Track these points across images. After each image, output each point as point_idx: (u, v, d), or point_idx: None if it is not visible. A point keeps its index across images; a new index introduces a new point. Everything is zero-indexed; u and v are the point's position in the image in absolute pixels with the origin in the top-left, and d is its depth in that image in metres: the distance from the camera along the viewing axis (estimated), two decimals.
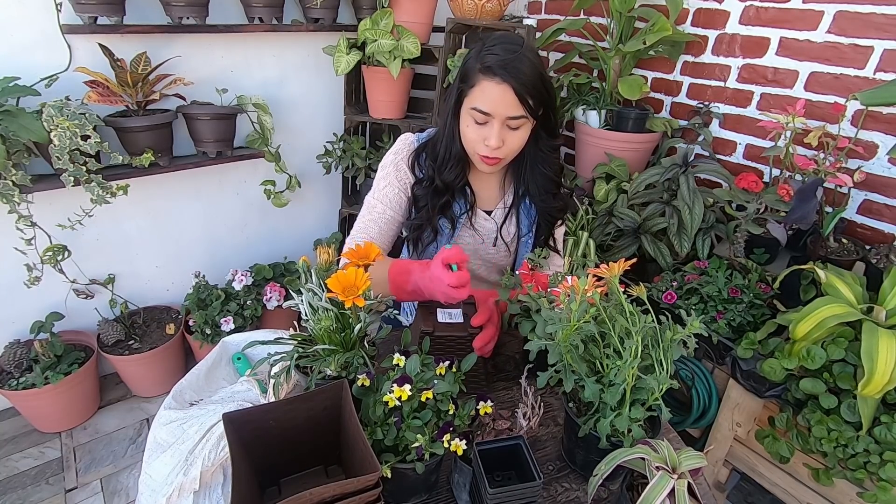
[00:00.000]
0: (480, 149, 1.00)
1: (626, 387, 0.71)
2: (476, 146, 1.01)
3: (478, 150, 1.01)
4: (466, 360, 0.80)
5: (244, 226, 2.19)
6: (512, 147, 1.01)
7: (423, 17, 1.92)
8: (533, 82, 0.95)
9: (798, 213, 1.37)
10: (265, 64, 1.94)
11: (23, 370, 1.67)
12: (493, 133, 0.97)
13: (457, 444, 0.67)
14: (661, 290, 1.52)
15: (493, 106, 0.95)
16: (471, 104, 0.98)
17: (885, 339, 1.03)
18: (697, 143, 1.91)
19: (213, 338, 1.89)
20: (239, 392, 1.08)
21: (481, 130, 0.99)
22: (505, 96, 0.94)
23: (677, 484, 0.61)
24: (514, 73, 0.93)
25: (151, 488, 0.95)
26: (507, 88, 0.93)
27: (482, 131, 0.99)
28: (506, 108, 0.95)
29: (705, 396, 1.45)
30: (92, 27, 1.49)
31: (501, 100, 0.94)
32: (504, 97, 0.94)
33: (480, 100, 0.96)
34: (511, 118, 0.96)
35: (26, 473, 1.64)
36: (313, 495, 0.57)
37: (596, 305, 0.72)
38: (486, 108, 0.96)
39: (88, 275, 1.83)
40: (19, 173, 1.40)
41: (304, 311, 0.78)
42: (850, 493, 1.19)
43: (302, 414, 0.71)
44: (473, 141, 1.01)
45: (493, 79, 0.94)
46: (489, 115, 0.96)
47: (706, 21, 1.83)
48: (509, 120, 0.97)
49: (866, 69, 1.48)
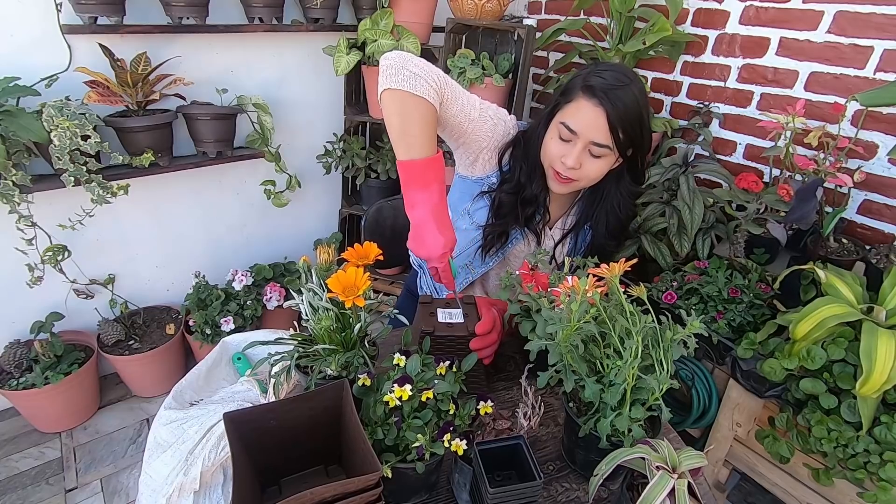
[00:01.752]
0: (557, 165, 0.99)
1: (626, 387, 0.71)
2: (554, 162, 1.00)
3: (554, 166, 1.00)
4: (467, 360, 0.81)
5: (244, 226, 2.19)
6: (588, 174, 0.99)
7: (423, 17, 1.92)
8: (630, 117, 0.93)
9: (798, 213, 1.37)
10: (265, 64, 1.94)
11: (23, 370, 1.67)
12: (574, 153, 0.96)
13: (457, 444, 0.67)
14: (661, 290, 1.52)
15: (582, 126, 0.94)
16: (561, 118, 0.97)
17: (884, 339, 1.03)
18: (697, 143, 1.91)
19: (213, 338, 1.89)
20: (239, 392, 1.08)
21: (563, 147, 0.98)
22: (597, 121, 0.93)
23: (677, 484, 0.61)
24: (615, 100, 0.91)
25: (152, 488, 0.95)
26: (601, 113, 0.92)
27: (563, 148, 0.98)
28: (594, 132, 0.94)
29: (705, 396, 1.45)
30: (92, 27, 1.49)
31: (593, 123, 0.93)
32: (596, 121, 0.93)
33: (572, 117, 0.95)
34: (595, 144, 0.95)
35: (26, 473, 1.64)
36: (314, 495, 0.57)
37: (596, 305, 0.72)
38: (574, 126, 0.95)
39: (88, 275, 1.83)
40: (19, 173, 1.40)
41: (304, 311, 0.78)
42: (850, 493, 1.19)
43: (302, 414, 0.71)
44: (552, 156, 1.00)
45: (592, 100, 0.93)
46: (575, 134, 0.95)
47: (706, 21, 1.83)
48: (593, 146, 0.95)
49: (866, 69, 1.48)
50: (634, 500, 0.64)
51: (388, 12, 1.81)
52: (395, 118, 0.85)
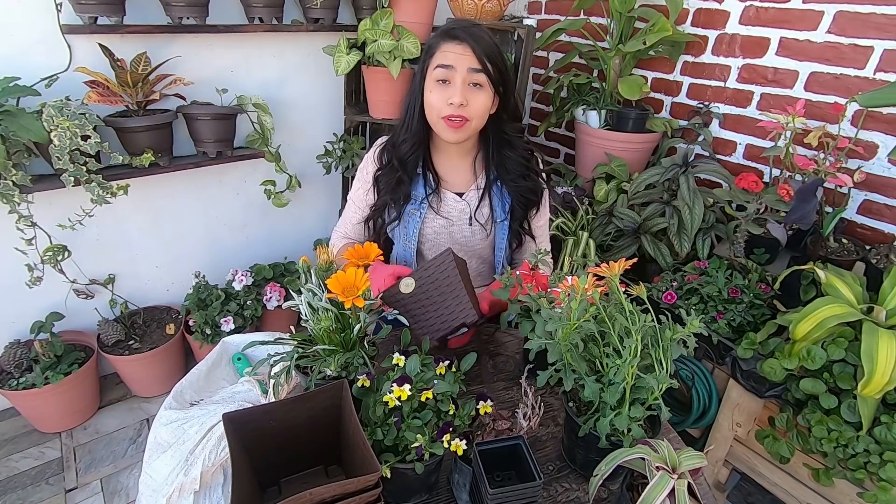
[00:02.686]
0: (445, 110, 1.02)
1: (625, 386, 0.71)
2: (441, 109, 1.03)
3: (442, 113, 1.03)
4: (466, 359, 0.81)
5: (244, 226, 2.19)
6: (476, 109, 1.03)
7: (423, 17, 1.92)
8: (491, 48, 1.01)
9: (798, 213, 1.37)
10: (265, 64, 1.94)
11: (23, 370, 1.67)
12: (457, 89, 1.01)
13: (457, 444, 0.67)
14: (661, 290, 1.52)
15: (454, 59, 1.01)
16: (435, 63, 1.03)
17: (885, 340, 1.03)
18: (697, 143, 1.91)
19: (213, 338, 1.89)
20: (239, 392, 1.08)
21: (445, 91, 1.02)
22: (466, 52, 1.00)
23: (677, 484, 0.61)
24: (474, 35, 1.00)
25: (152, 488, 0.94)
26: (466, 47, 1.00)
27: (446, 91, 1.02)
28: (467, 60, 1.00)
29: (705, 396, 1.45)
30: (92, 27, 1.49)
31: (462, 54, 1.00)
32: (465, 53, 1.00)
33: (441, 58, 1.02)
34: (473, 70, 1.00)
35: (26, 473, 1.64)
36: (313, 495, 0.57)
37: (596, 304, 0.72)
38: (447, 61, 1.01)
39: (88, 275, 1.83)
40: (19, 173, 1.40)
41: (303, 312, 0.78)
42: (850, 493, 1.19)
43: (302, 414, 0.71)
44: (437, 105, 1.03)
45: (454, 40, 1.01)
46: (451, 69, 1.01)
47: (706, 21, 1.83)
48: (471, 73, 1.01)
49: (866, 69, 1.48)
50: (634, 500, 0.63)
51: (388, 12, 1.81)
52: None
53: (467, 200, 1.17)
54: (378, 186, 1.17)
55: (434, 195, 1.15)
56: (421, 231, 1.17)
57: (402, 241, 1.19)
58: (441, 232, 1.18)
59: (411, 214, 1.16)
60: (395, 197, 1.14)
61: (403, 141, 1.12)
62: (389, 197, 1.15)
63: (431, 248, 1.20)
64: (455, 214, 1.17)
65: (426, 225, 1.17)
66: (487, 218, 1.17)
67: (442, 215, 1.16)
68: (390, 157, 1.14)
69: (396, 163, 1.12)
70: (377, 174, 1.17)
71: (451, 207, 1.17)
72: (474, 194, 1.18)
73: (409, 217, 1.16)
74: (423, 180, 1.15)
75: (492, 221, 1.17)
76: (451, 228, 1.18)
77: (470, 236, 1.18)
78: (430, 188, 1.15)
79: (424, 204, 1.15)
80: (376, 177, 1.17)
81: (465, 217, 1.17)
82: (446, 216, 1.17)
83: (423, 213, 1.15)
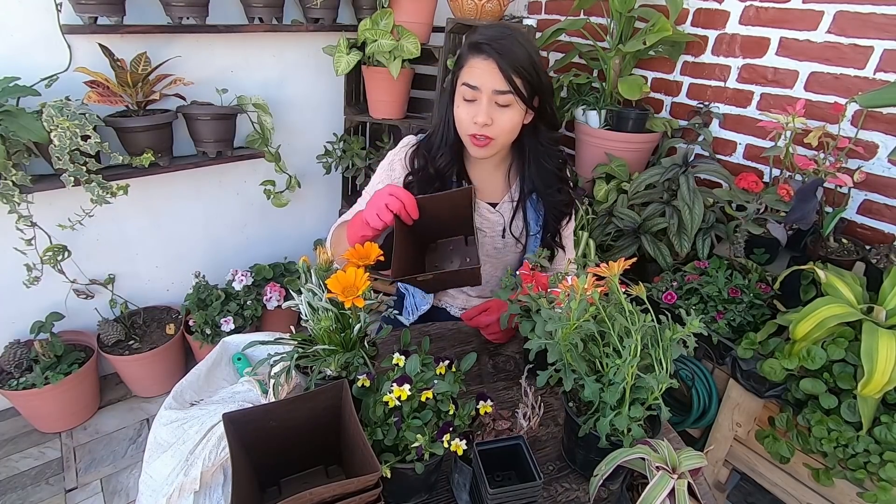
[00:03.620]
0: (470, 128, 1.01)
1: (625, 386, 0.71)
2: (467, 126, 1.02)
3: (468, 131, 1.02)
4: (466, 359, 0.81)
5: (244, 226, 2.19)
6: (502, 127, 1.01)
7: (423, 17, 1.92)
8: (520, 61, 0.96)
9: (798, 213, 1.37)
10: (265, 64, 1.94)
11: (23, 370, 1.67)
12: (482, 109, 0.98)
13: (457, 444, 0.67)
14: (661, 290, 1.52)
15: (479, 79, 0.97)
16: (461, 81, 1.00)
17: (884, 340, 1.03)
18: (697, 143, 1.91)
19: (213, 338, 1.89)
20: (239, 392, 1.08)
21: (471, 108, 1.00)
22: (491, 70, 0.96)
23: (677, 484, 0.61)
24: (500, 49, 0.95)
25: (152, 488, 0.94)
26: (491, 63, 0.95)
27: (472, 109, 1.00)
28: (492, 81, 0.96)
29: (705, 396, 1.45)
30: (92, 27, 1.49)
31: (487, 74, 0.96)
32: (489, 71, 0.96)
33: (468, 75, 0.99)
34: (498, 92, 0.97)
35: (26, 473, 1.64)
36: (313, 495, 0.57)
37: (595, 304, 0.72)
38: (472, 81, 0.98)
39: (88, 275, 1.83)
40: (19, 173, 1.40)
41: (303, 312, 0.78)
42: (850, 493, 1.19)
43: (302, 414, 0.71)
44: (465, 121, 1.02)
45: (480, 55, 0.97)
46: (477, 90, 0.98)
47: (706, 21, 1.83)
48: (496, 95, 0.97)
49: (866, 69, 1.48)
50: (634, 500, 0.63)
51: (388, 12, 1.81)
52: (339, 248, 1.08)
53: (501, 212, 1.16)
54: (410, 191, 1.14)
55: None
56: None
57: None
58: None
59: None
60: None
61: (441, 154, 1.10)
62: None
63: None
64: (488, 225, 1.15)
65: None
66: (521, 231, 1.15)
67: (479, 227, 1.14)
68: (424, 163, 1.11)
69: (434, 172, 1.10)
70: (410, 178, 1.13)
71: (484, 218, 1.15)
72: (508, 206, 1.16)
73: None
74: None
75: (525, 234, 1.16)
76: (484, 239, 1.16)
77: (502, 248, 1.17)
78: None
79: None
80: (407, 183, 1.13)
81: (498, 228, 1.15)
82: (479, 226, 1.14)
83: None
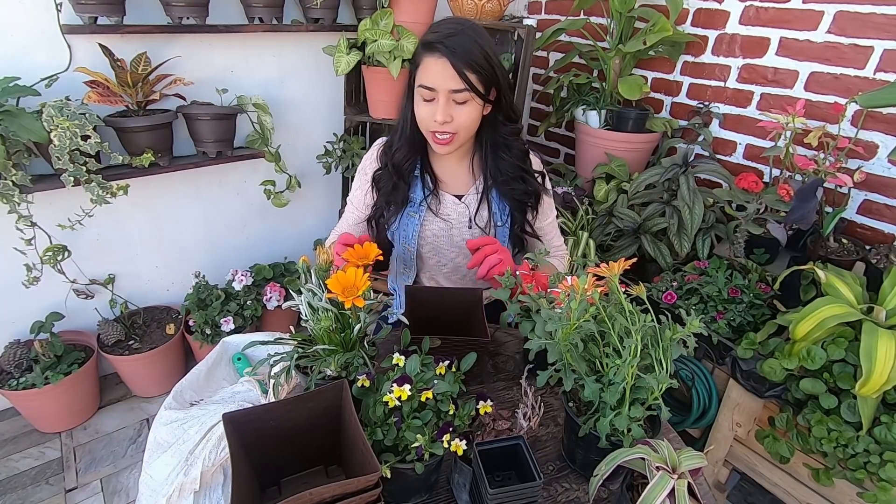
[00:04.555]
0: (431, 125, 1.02)
1: (625, 386, 0.71)
2: (428, 124, 1.03)
3: (429, 128, 1.03)
4: (466, 359, 0.81)
5: (244, 226, 2.19)
6: (462, 123, 1.01)
7: (423, 17, 1.92)
8: (473, 57, 0.96)
9: (798, 213, 1.37)
10: (265, 64, 1.94)
11: (23, 370, 1.67)
12: (440, 108, 0.99)
13: (457, 444, 0.67)
14: (661, 290, 1.52)
15: (434, 80, 0.98)
16: (418, 83, 1.01)
17: (884, 340, 1.03)
18: (697, 143, 1.91)
19: (213, 338, 1.89)
20: (239, 392, 1.08)
21: (430, 107, 1.01)
22: (444, 70, 0.96)
23: (677, 484, 0.61)
24: (452, 46, 0.95)
25: (152, 488, 0.94)
26: (444, 62, 0.96)
27: (430, 108, 1.01)
28: (446, 81, 0.97)
29: (705, 396, 1.45)
30: (92, 27, 1.49)
31: (441, 73, 0.96)
32: (444, 71, 0.96)
33: (423, 76, 0.99)
34: (454, 91, 0.98)
35: (26, 473, 1.64)
36: (313, 495, 0.57)
37: (595, 304, 0.72)
38: (428, 82, 0.98)
39: (88, 275, 1.83)
40: (19, 173, 1.40)
41: (303, 312, 0.78)
42: (850, 493, 1.19)
43: (302, 414, 0.71)
44: (425, 120, 1.02)
45: (433, 54, 0.97)
46: (433, 90, 0.99)
47: (706, 21, 1.83)
48: (453, 94, 0.98)
49: (866, 69, 1.48)
50: (634, 500, 0.63)
51: (388, 12, 1.81)
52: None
53: (466, 203, 1.17)
54: (377, 187, 1.17)
55: (432, 197, 1.15)
56: (420, 233, 1.16)
57: (402, 243, 1.19)
58: (441, 234, 1.17)
59: (410, 217, 1.15)
60: (391, 199, 1.14)
61: (399, 148, 1.12)
62: (385, 199, 1.14)
63: (431, 251, 1.20)
64: (454, 217, 1.17)
65: (425, 227, 1.16)
66: (487, 221, 1.16)
67: (441, 217, 1.16)
68: (387, 159, 1.14)
69: (391, 168, 1.12)
70: (376, 173, 1.16)
71: (450, 210, 1.17)
72: (473, 197, 1.17)
73: (408, 219, 1.15)
74: (420, 182, 1.15)
75: (492, 225, 1.17)
76: (451, 231, 1.17)
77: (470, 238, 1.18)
78: (427, 190, 1.14)
79: (423, 206, 1.15)
80: (375, 177, 1.16)
81: (464, 220, 1.16)
82: (445, 218, 1.16)
83: (423, 215, 1.15)
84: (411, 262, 1.21)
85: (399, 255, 1.23)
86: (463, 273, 1.24)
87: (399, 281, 1.28)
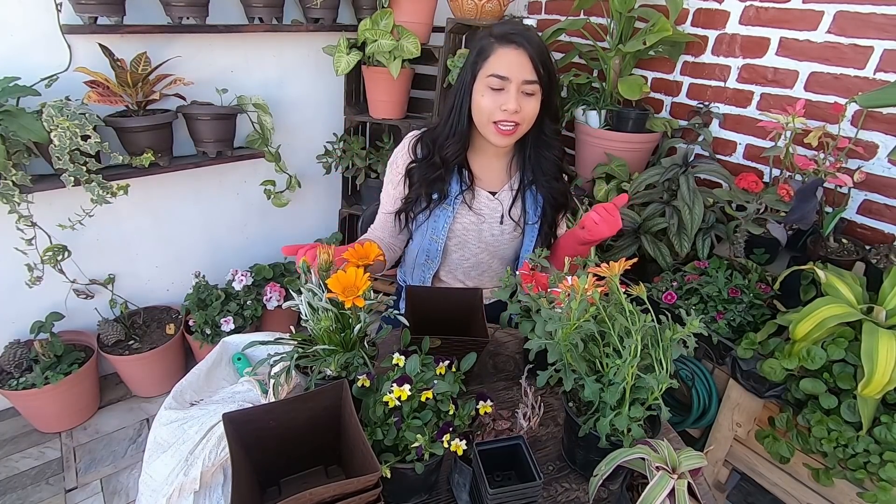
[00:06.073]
0: (497, 115, 1.03)
1: (625, 386, 0.71)
2: (493, 114, 1.03)
3: (493, 118, 1.04)
4: (466, 359, 0.81)
5: (244, 226, 2.19)
6: (527, 114, 1.04)
7: (423, 17, 1.92)
8: (544, 53, 1.02)
9: (798, 213, 1.37)
10: (265, 64, 1.94)
11: (23, 370, 1.67)
12: (511, 97, 1.01)
13: (457, 444, 0.67)
14: (661, 290, 1.52)
15: (510, 69, 1.00)
16: (487, 73, 1.02)
17: (885, 340, 1.03)
18: (697, 143, 1.91)
19: (213, 338, 1.89)
20: (239, 392, 1.08)
21: (497, 97, 1.02)
22: (521, 60, 1.00)
23: (677, 484, 0.61)
24: (529, 40, 1.00)
25: (152, 488, 0.94)
26: (522, 53, 1.00)
27: (498, 98, 1.02)
28: (522, 71, 1.00)
29: (705, 396, 1.45)
30: (92, 27, 1.49)
31: (518, 63, 1.00)
32: (521, 61, 1.00)
33: (497, 66, 1.01)
34: (527, 82, 1.01)
35: (26, 473, 1.64)
36: (313, 495, 0.57)
37: (596, 305, 0.72)
38: (503, 72, 1.01)
39: (88, 275, 1.83)
40: (19, 173, 1.40)
41: (303, 312, 0.78)
42: (850, 494, 1.19)
43: (302, 414, 0.71)
44: (490, 109, 1.03)
45: (510, 45, 1.00)
46: (506, 80, 1.01)
47: (706, 21, 1.83)
48: (525, 84, 1.01)
49: (866, 69, 1.48)
50: (634, 500, 0.63)
51: (388, 12, 1.81)
52: None
53: (500, 199, 1.18)
54: (411, 179, 1.16)
55: (468, 192, 1.16)
56: (451, 227, 1.17)
57: (430, 234, 1.19)
58: (470, 229, 1.18)
59: (443, 209, 1.16)
60: (430, 191, 1.14)
61: (449, 143, 1.12)
62: (424, 191, 1.14)
63: (458, 245, 1.21)
64: (487, 212, 1.18)
65: (457, 221, 1.17)
66: (519, 217, 1.18)
67: (474, 211, 1.17)
68: (429, 151, 1.14)
69: (439, 161, 1.12)
70: (410, 167, 1.16)
71: (483, 205, 1.18)
72: (507, 194, 1.19)
73: (441, 211, 1.16)
74: (457, 177, 1.16)
75: (524, 222, 1.18)
76: (481, 226, 1.18)
77: (499, 235, 1.19)
78: (464, 185, 1.15)
79: (458, 199, 1.16)
80: (409, 169, 1.16)
81: (496, 215, 1.18)
82: (478, 213, 1.18)
83: (456, 208, 1.16)
84: (436, 255, 1.20)
85: (422, 248, 1.22)
86: (483, 269, 1.25)
87: (415, 273, 1.27)
